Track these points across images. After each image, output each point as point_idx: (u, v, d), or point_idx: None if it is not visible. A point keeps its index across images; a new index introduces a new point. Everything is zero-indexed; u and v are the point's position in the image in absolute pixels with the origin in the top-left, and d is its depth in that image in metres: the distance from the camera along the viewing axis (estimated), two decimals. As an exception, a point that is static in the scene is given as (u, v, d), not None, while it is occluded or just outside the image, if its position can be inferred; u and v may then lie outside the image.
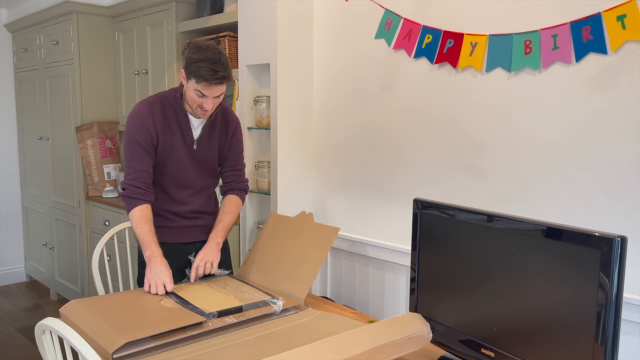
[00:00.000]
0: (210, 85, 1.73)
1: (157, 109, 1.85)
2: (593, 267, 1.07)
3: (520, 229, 1.23)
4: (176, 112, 1.87)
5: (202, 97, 1.76)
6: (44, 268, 4.22)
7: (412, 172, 2.08)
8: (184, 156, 1.90)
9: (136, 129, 1.82)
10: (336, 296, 2.41)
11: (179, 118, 1.88)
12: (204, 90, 1.74)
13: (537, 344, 1.20)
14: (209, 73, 1.71)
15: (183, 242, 1.97)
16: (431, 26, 1.97)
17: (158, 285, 1.70)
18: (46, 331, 1.32)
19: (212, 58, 1.71)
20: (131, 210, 1.81)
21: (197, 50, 1.73)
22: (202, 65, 1.71)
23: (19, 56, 4.27)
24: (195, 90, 1.75)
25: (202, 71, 1.71)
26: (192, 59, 1.73)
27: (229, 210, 1.98)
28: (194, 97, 1.78)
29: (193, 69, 1.73)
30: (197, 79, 1.73)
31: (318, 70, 2.41)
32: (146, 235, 1.77)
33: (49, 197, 4.03)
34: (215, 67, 1.71)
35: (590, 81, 1.60)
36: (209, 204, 2.03)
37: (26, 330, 3.52)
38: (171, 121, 1.87)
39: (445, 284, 1.43)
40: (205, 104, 1.78)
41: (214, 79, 1.72)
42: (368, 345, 1.29)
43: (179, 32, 3.13)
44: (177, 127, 1.88)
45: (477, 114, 1.87)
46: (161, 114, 1.85)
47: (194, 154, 1.92)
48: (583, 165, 1.62)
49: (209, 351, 1.43)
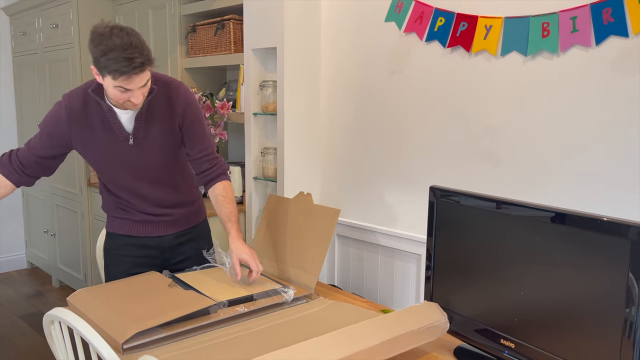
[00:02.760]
0: (130, 77, 1.46)
1: (77, 104, 1.64)
2: (622, 257, 1.04)
3: (544, 217, 1.19)
4: (100, 106, 1.64)
5: (127, 91, 1.50)
6: (45, 255, 4.19)
7: (423, 159, 2.04)
8: (121, 152, 1.68)
9: (49, 121, 1.69)
10: (344, 284, 2.39)
11: (105, 113, 1.64)
12: (125, 85, 1.48)
13: (560, 335, 1.17)
14: (123, 64, 1.43)
15: (148, 235, 1.83)
16: (444, 8, 1.92)
17: None
18: (55, 322, 1.29)
19: (121, 44, 1.43)
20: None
21: (100, 40, 1.44)
22: (112, 57, 1.43)
23: (18, 40, 4.19)
24: (115, 87, 1.49)
25: (114, 64, 1.43)
26: (98, 52, 1.44)
27: (225, 201, 1.74)
28: (117, 95, 1.52)
29: (103, 64, 1.45)
30: (112, 75, 1.45)
31: (325, 54, 2.36)
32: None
33: (49, 183, 3.99)
34: (127, 53, 1.43)
35: (611, 65, 1.55)
36: (177, 195, 1.83)
37: (28, 318, 3.50)
38: (93, 117, 1.65)
39: (462, 272, 1.40)
40: (133, 97, 1.52)
41: (132, 69, 1.44)
42: (385, 335, 1.26)
43: (181, 15, 3.06)
44: (103, 124, 1.65)
45: (492, 99, 1.83)
46: (83, 110, 1.64)
47: (133, 149, 1.68)
48: (603, 151, 1.59)
49: (219, 341, 1.40)
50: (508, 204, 1.28)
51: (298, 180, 2.36)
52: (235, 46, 2.77)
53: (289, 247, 1.89)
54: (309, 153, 2.39)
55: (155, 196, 1.80)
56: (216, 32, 2.84)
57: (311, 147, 2.40)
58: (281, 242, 1.93)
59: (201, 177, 1.79)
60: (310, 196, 1.91)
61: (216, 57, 2.87)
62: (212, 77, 3.26)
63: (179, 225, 1.87)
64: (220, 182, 1.77)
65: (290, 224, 1.92)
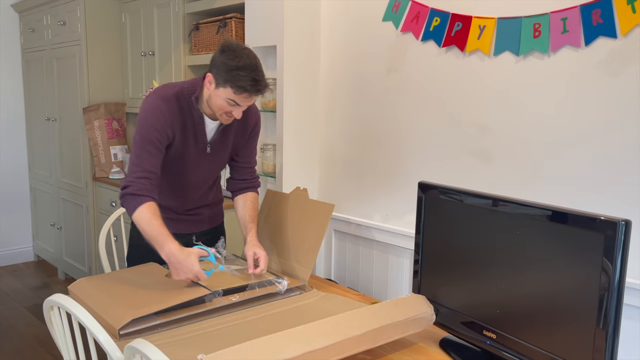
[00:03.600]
0: (250, 97, 1.60)
1: (173, 108, 1.68)
2: (596, 251, 1.08)
3: (524, 213, 1.23)
4: (191, 112, 1.72)
5: (235, 106, 1.62)
6: (52, 248, 4.26)
7: (418, 156, 2.08)
8: (194, 159, 1.77)
9: (152, 127, 1.64)
10: (340, 278, 2.43)
11: (195, 120, 1.72)
12: (240, 101, 1.60)
13: (538, 326, 1.21)
14: (250, 83, 1.55)
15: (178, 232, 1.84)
16: (439, 9, 1.96)
17: (191, 279, 1.58)
18: (54, 307, 1.35)
19: (251, 64, 1.56)
20: (138, 207, 1.59)
21: (233, 56, 1.56)
22: (243, 75, 1.54)
23: (26, 37, 4.27)
24: (228, 99, 1.60)
25: (242, 81, 1.55)
26: (229, 65, 1.55)
27: (252, 207, 1.89)
28: (222, 105, 1.62)
29: (230, 78, 1.56)
30: (235, 89, 1.57)
31: (325, 52, 2.40)
32: (160, 229, 1.57)
33: (57, 177, 4.06)
34: (255, 75, 1.56)
35: (600, 65, 1.58)
36: (212, 197, 1.95)
37: (34, 309, 3.57)
38: (187, 122, 1.72)
39: (448, 266, 1.44)
40: (236, 112, 1.64)
41: (255, 90, 1.58)
42: (372, 325, 1.30)
43: (185, 14, 3.11)
44: (192, 129, 1.73)
45: (485, 97, 1.86)
46: (178, 113, 1.69)
47: (207, 157, 1.80)
48: (591, 150, 1.62)
49: (213, 330, 1.45)
50: (491, 199, 1.32)
51: (297, 177, 2.41)
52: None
53: (284, 241, 1.94)
54: (307, 150, 2.43)
55: (196, 197, 1.90)
56: (218, 30, 2.89)
57: (310, 144, 2.44)
58: (277, 235, 1.97)
59: (239, 182, 1.93)
60: (306, 191, 1.96)
61: (219, 54, 2.91)
62: (215, 74, 3.31)
63: (205, 225, 1.96)
64: (253, 192, 1.95)
65: (286, 218, 1.97)
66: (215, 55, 1.63)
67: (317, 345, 1.19)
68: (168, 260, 1.56)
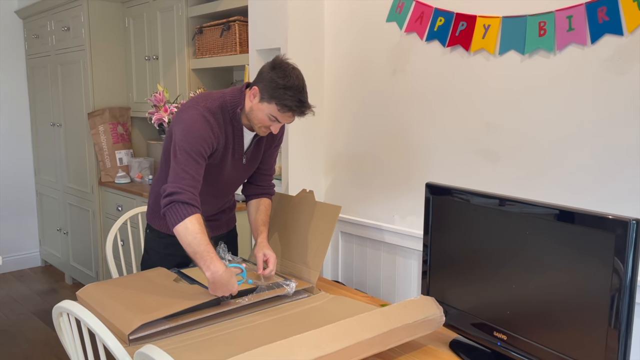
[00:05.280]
0: (293, 115, 1.64)
1: (219, 120, 1.70)
2: (607, 250, 1.07)
3: (534, 213, 1.22)
4: (232, 124, 1.74)
5: (274, 121, 1.66)
6: (59, 253, 4.28)
7: (424, 156, 2.08)
8: (230, 169, 1.80)
9: (201, 138, 1.63)
10: (347, 280, 2.43)
11: (235, 132, 1.75)
12: (281, 118, 1.64)
13: (549, 327, 1.20)
14: (296, 104, 1.60)
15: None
16: (443, 8, 1.95)
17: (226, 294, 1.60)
18: (63, 313, 1.35)
19: (298, 86, 1.61)
20: (187, 217, 1.56)
21: (283, 75, 1.60)
22: (290, 94, 1.59)
23: (31, 42, 4.28)
24: (270, 115, 1.64)
25: (288, 100, 1.59)
26: (278, 83, 1.59)
27: (266, 211, 1.93)
28: (263, 119, 1.66)
29: (277, 95, 1.59)
30: (280, 107, 1.61)
31: (328, 54, 2.40)
32: (208, 247, 1.56)
33: (63, 182, 4.08)
34: (302, 96, 1.61)
35: (606, 63, 1.57)
36: (229, 202, 1.99)
37: (42, 314, 3.58)
38: (228, 134, 1.74)
39: (457, 267, 1.44)
40: (274, 127, 1.68)
41: (300, 111, 1.62)
42: (382, 328, 1.30)
43: (189, 17, 3.12)
44: (231, 140, 1.75)
45: (490, 97, 1.86)
46: (223, 126, 1.71)
47: (242, 167, 1.83)
48: (597, 148, 1.61)
49: (222, 334, 1.45)
50: (499, 199, 1.31)
51: (302, 179, 2.41)
52: (240, 47, 2.82)
53: (291, 243, 1.94)
54: (313, 151, 2.43)
55: (220, 203, 1.92)
56: (222, 34, 2.90)
57: (315, 146, 2.44)
58: (284, 238, 1.97)
59: (255, 187, 1.96)
60: (312, 193, 1.96)
61: (222, 57, 2.92)
62: (218, 77, 3.32)
63: (220, 229, 1.98)
64: (268, 198, 1.97)
65: (292, 220, 1.97)
66: (263, 70, 1.65)
67: (328, 350, 1.19)
68: (212, 278, 1.54)
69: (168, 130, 1.76)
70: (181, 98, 3.20)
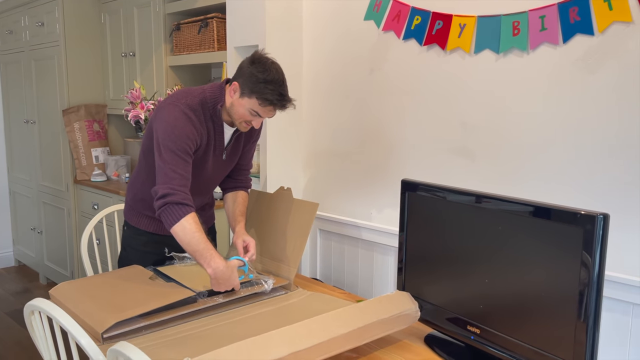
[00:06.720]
0: (273, 110, 1.64)
1: (200, 116, 1.69)
2: (576, 245, 1.09)
3: (506, 209, 1.25)
4: (213, 120, 1.73)
5: (256, 116, 1.66)
6: (33, 252, 4.20)
7: (402, 154, 2.09)
8: (211, 165, 1.80)
9: (185, 136, 1.62)
10: (326, 277, 2.43)
11: (216, 128, 1.75)
12: (262, 112, 1.64)
13: (521, 320, 1.22)
14: (277, 97, 1.60)
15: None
16: (420, 7, 1.97)
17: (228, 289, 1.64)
18: (35, 312, 1.33)
19: (279, 80, 1.61)
20: (183, 217, 1.57)
21: (263, 69, 1.60)
22: (270, 88, 1.59)
23: (4, 38, 4.20)
24: (252, 110, 1.63)
25: (269, 94, 1.59)
26: (258, 78, 1.59)
27: (243, 203, 1.95)
28: (245, 114, 1.65)
29: (258, 89, 1.59)
30: (261, 101, 1.60)
31: (307, 51, 2.40)
32: (206, 244, 1.58)
33: (37, 181, 4.00)
34: (282, 90, 1.61)
35: (577, 62, 1.61)
36: (209, 199, 2.00)
37: (16, 314, 3.51)
38: (209, 130, 1.73)
39: (432, 263, 1.45)
40: (255, 122, 1.68)
41: (281, 104, 1.62)
42: (357, 323, 1.31)
43: (166, 14, 3.09)
44: (212, 137, 1.75)
45: (466, 95, 1.88)
46: (204, 123, 1.71)
47: (222, 163, 1.84)
48: (570, 146, 1.64)
49: (197, 331, 1.44)
50: (473, 195, 1.33)
51: (281, 176, 2.41)
52: (218, 44, 2.81)
53: (269, 240, 1.93)
54: (291, 149, 2.43)
55: (200, 200, 1.91)
56: (200, 30, 2.88)
57: (293, 143, 2.44)
58: (261, 235, 1.97)
59: (233, 180, 1.97)
60: (290, 191, 1.96)
61: (200, 54, 2.90)
62: (196, 74, 3.29)
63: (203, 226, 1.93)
64: (244, 191, 1.99)
65: (270, 218, 1.96)
66: (243, 65, 1.64)
67: (304, 345, 1.19)
68: (214, 274, 1.57)
69: (147, 127, 1.74)
70: (158, 95, 3.17)
